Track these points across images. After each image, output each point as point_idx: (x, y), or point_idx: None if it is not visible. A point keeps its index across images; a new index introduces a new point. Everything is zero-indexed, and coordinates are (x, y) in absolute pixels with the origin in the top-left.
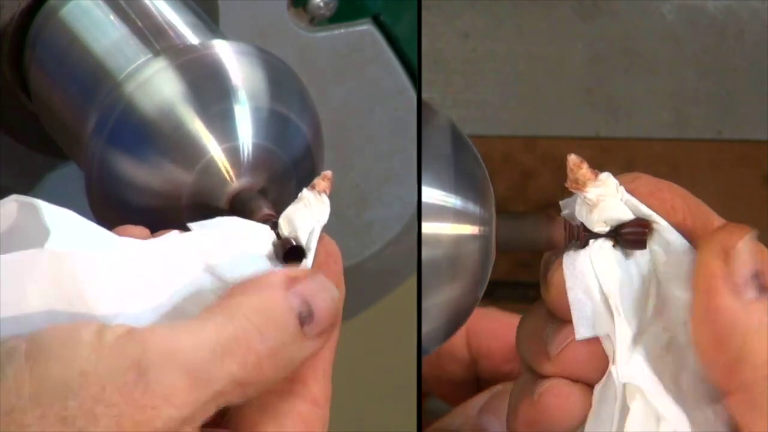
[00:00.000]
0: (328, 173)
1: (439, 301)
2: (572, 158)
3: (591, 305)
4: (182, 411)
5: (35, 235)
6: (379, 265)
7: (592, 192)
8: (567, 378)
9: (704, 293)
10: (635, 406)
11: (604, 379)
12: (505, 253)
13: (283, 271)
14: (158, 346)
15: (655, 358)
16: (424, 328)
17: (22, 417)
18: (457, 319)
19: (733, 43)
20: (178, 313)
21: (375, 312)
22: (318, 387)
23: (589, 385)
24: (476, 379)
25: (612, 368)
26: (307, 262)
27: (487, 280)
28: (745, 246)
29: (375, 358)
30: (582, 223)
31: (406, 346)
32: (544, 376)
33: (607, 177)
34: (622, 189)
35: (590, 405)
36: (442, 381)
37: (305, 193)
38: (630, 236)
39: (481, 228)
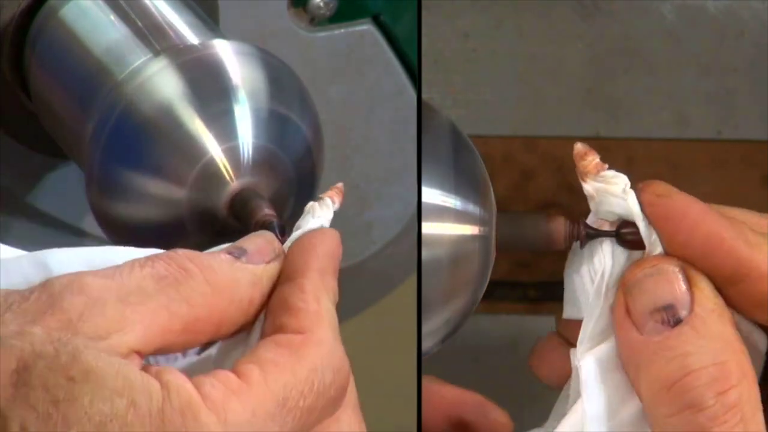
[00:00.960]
0: (340, 185)
1: (439, 300)
2: (578, 147)
3: (581, 288)
4: (93, 298)
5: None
6: (379, 265)
7: (590, 185)
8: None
9: (614, 324)
10: (577, 399)
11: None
12: (505, 253)
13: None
14: (66, 275)
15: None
16: (424, 328)
17: None
18: (456, 320)
19: (733, 43)
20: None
21: (375, 312)
22: (295, 321)
23: None
24: None
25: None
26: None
27: (487, 280)
28: (642, 281)
29: (375, 358)
30: (582, 224)
31: (406, 346)
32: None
33: (614, 176)
34: (630, 192)
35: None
36: None
37: (311, 204)
38: (628, 236)
39: (481, 228)
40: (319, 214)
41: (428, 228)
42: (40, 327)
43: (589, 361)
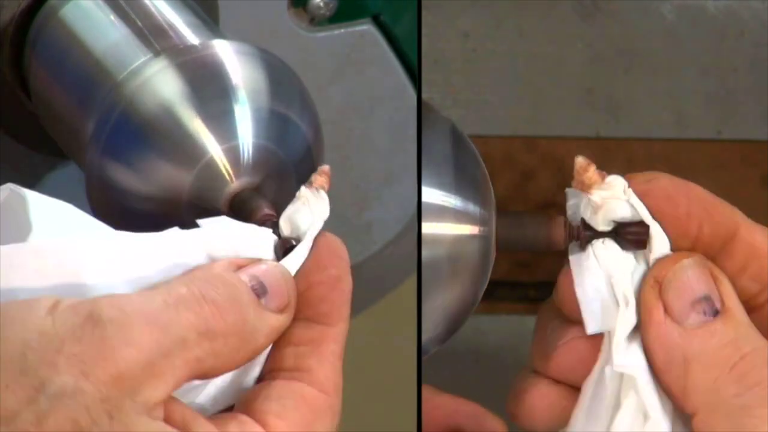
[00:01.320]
0: (326, 168)
1: (439, 301)
2: (579, 161)
3: (600, 300)
4: (144, 352)
5: (19, 227)
6: (379, 265)
7: (597, 195)
8: (554, 378)
9: (642, 325)
10: (628, 403)
11: (596, 374)
12: (505, 253)
13: (227, 260)
14: (109, 302)
15: None
16: (424, 328)
17: None
18: (457, 320)
19: (733, 43)
20: None
21: (375, 312)
22: (324, 374)
23: (574, 387)
24: None
25: (603, 361)
26: (298, 251)
27: (487, 280)
28: (679, 274)
29: (375, 358)
30: (582, 223)
31: (406, 346)
32: (537, 372)
33: (614, 179)
34: (629, 191)
35: (570, 406)
36: None
37: (303, 191)
38: (630, 236)
39: (481, 228)
40: (316, 209)
41: (428, 228)
42: (93, 383)
43: (638, 360)
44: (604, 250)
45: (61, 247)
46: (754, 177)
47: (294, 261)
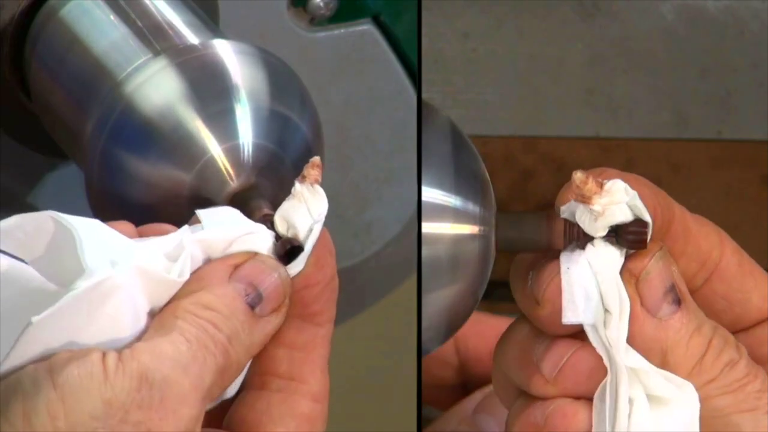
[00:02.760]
0: (316, 160)
1: (439, 301)
2: (578, 176)
3: (583, 292)
4: (195, 407)
5: (70, 265)
6: (379, 265)
7: (598, 204)
8: (569, 396)
9: (630, 319)
10: (638, 398)
11: (608, 376)
12: (505, 253)
13: (223, 260)
14: (150, 357)
15: None
16: (424, 328)
17: None
18: (457, 319)
19: (733, 43)
20: None
21: (375, 312)
22: (317, 383)
23: (591, 399)
24: (463, 384)
25: (607, 362)
26: (303, 256)
27: (487, 280)
28: (651, 268)
29: (375, 358)
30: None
31: (406, 346)
32: (544, 398)
33: (612, 185)
34: (632, 191)
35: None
36: (431, 386)
37: (298, 187)
38: (630, 236)
39: (481, 228)
40: (313, 207)
41: (428, 228)
42: None
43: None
44: (597, 252)
45: (100, 292)
46: (754, 177)
47: (298, 266)
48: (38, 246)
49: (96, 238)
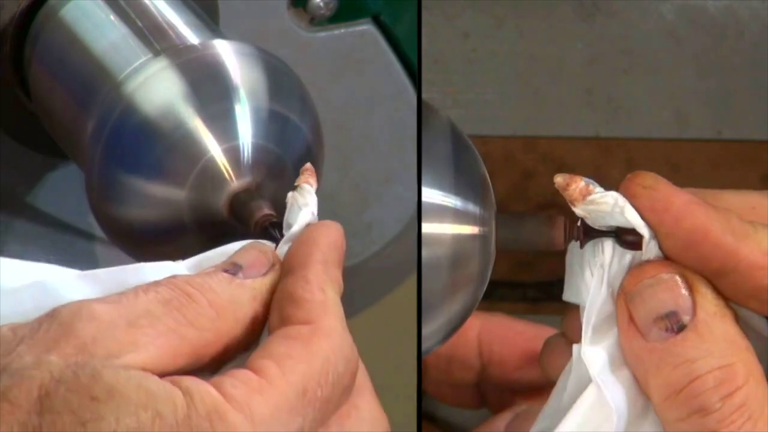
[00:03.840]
0: (307, 166)
1: (439, 300)
2: (557, 180)
3: (580, 275)
4: (103, 323)
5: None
6: (379, 265)
7: (580, 209)
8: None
9: (618, 329)
10: (591, 388)
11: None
12: (505, 253)
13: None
14: (71, 304)
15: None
16: (424, 328)
17: None
18: (457, 319)
19: (733, 43)
20: None
21: (375, 312)
22: (302, 311)
23: None
24: (478, 384)
25: (575, 345)
26: (289, 235)
27: (487, 280)
28: (643, 291)
29: (375, 358)
30: (582, 223)
31: (406, 346)
32: None
33: (601, 197)
34: (624, 204)
35: None
36: (448, 385)
37: (289, 196)
38: (629, 237)
39: (481, 228)
40: (304, 202)
41: (428, 228)
42: (56, 355)
43: (599, 353)
44: (600, 244)
45: (36, 289)
46: (754, 177)
47: (284, 248)
48: None
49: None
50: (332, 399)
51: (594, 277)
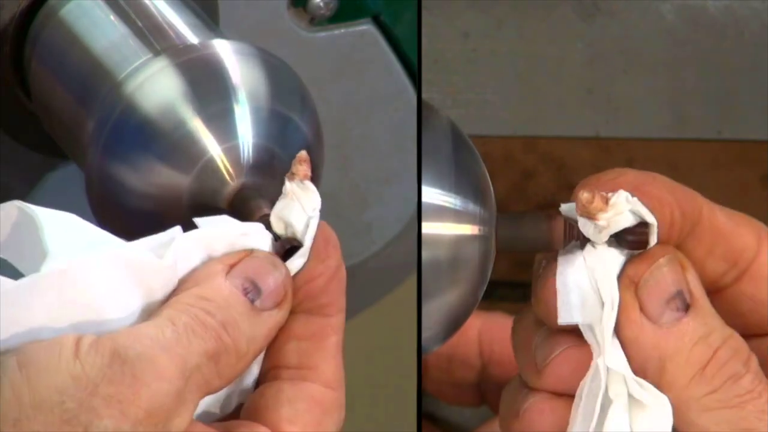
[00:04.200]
0: (303, 154)
1: (439, 301)
2: (584, 196)
3: (578, 292)
4: (173, 383)
5: (33, 250)
6: (379, 265)
7: (603, 220)
8: (552, 391)
9: (619, 324)
10: (619, 397)
11: (590, 372)
12: (505, 253)
13: (219, 259)
14: (127, 337)
15: None
16: (424, 328)
17: (29, 425)
18: (457, 319)
19: (733, 43)
20: None
21: (375, 312)
22: (329, 369)
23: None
24: (478, 383)
25: (597, 360)
26: (303, 252)
27: (487, 280)
28: (653, 275)
29: (375, 358)
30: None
31: (406, 346)
32: (532, 388)
33: (616, 198)
34: (634, 199)
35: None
36: (449, 384)
37: (288, 185)
38: (632, 237)
39: (481, 228)
40: (306, 203)
41: (428, 228)
42: (130, 423)
43: (621, 357)
44: (594, 251)
45: (71, 275)
46: (754, 177)
47: (298, 262)
48: (2, 232)
49: (64, 227)
50: None
51: (599, 288)
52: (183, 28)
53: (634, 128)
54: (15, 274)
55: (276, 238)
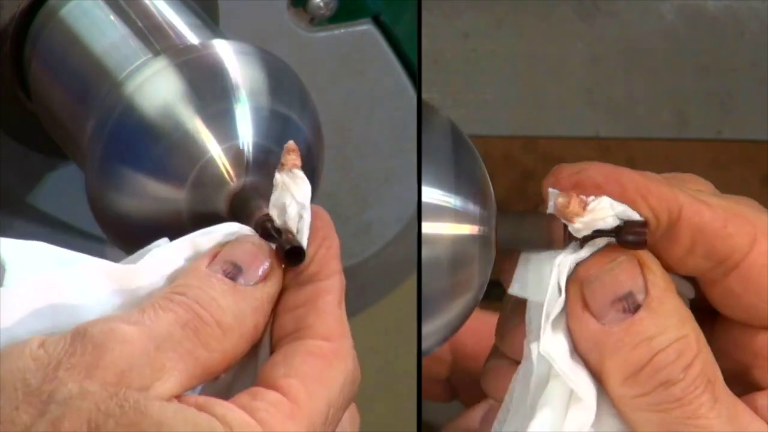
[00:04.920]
0: (290, 144)
1: (439, 301)
2: (560, 201)
3: (537, 273)
4: (137, 344)
5: None
6: (379, 265)
7: (579, 223)
8: (512, 358)
9: (567, 314)
10: (554, 381)
11: (525, 350)
12: (505, 253)
13: (202, 255)
14: (90, 322)
15: None
16: (425, 328)
17: None
18: (456, 319)
19: (733, 43)
20: None
21: (375, 312)
22: (323, 324)
23: None
24: (449, 378)
25: (531, 345)
26: (302, 240)
27: (487, 280)
28: (603, 274)
29: (375, 358)
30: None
31: (406, 346)
32: (501, 353)
33: (597, 204)
34: (616, 205)
35: None
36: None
37: (278, 177)
38: (630, 236)
39: (481, 228)
40: (296, 193)
41: (428, 228)
42: (97, 383)
43: (561, 344)
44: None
45: (48, 283)
46: (754, 177)
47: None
48: None
49: (26, 251)
50: (340, 420)
51: (552, 274)
52: (183, 28)
53: (634, 128)
54: None
55: (276, 238)
